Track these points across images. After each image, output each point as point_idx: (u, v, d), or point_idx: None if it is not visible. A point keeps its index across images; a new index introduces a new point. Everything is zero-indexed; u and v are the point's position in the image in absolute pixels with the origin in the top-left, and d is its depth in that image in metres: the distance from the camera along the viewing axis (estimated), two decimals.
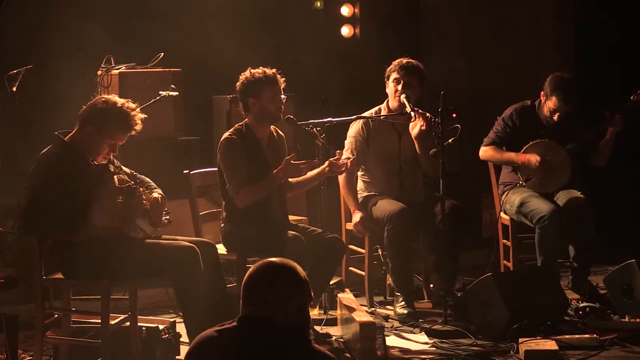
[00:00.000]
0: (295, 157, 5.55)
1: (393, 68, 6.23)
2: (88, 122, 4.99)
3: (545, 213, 6.14)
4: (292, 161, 5.51)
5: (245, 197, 5.56)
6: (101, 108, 5.01)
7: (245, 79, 5.67)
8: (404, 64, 6.21)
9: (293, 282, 3.23)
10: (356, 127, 6.33)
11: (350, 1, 7.98)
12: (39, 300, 5.01)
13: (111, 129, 4.99)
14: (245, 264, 5.56)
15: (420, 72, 6.21)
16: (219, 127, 7.06)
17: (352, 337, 5.36)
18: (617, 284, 5.92)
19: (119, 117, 5.00)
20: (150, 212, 5.13)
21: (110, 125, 4.99)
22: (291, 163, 5.51)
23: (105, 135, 4.99)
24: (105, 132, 4.98)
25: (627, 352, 5.34)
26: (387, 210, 6.04)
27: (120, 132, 5.03)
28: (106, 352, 4.91)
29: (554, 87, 6.29)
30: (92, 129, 4.98)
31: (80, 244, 4.86)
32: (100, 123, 4.97)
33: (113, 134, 5.01)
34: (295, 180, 5.78)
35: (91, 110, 5.03)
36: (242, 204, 5.57)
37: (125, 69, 6.73)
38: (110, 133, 5.00)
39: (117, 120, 5.00)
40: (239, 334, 3.19)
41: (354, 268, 6.52)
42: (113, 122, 4.99)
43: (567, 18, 8.61)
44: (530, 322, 5.48)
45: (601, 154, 6.45)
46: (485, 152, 6.51)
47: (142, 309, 5.56)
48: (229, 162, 5.60)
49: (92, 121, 4.98)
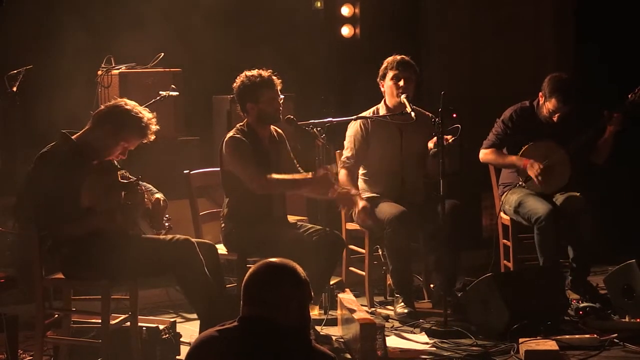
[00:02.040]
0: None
1: (389, 66, 6.23)
2: (107, 122, 5.01)
3: (541, 214, 6.14)
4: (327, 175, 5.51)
5: (271, 183, 5.49)
6: (123, 110, 5.03)
7: (242, 84, 5.66)
8: (400, 60, 6.21)
9: (293, 282, 3.24)
10: (354, 127, 6.33)
11: (350, 1, 7.98)
12: (39, 300, 5.01)
13: (129, 132, 5.02)
14: (246, 264, 5.57)
15: (415, 67, 6.25)
16: (219, 127, 7.06)
17: (353, 337, 5.36)
18: (617, 284, 5.92)
19: (138, 122, 5.03)
20: (151, 212, 5.13)
21: (129, 129, 5.01)
22: (327, 177, 5.51)
23: (121, 138, 5.01)
24: (122, 135, 5.01)
25: (627, 352, 5.34)
26: (387, 214, 6.03)
27: (136, 137, 5.06)
28: (106, 352, 4.91)
29: (552, 88, 6.29)
30: (110, 129, 4.99)
31: (80, 243, 4.86)
32: (120, 125, 5.00)
33: (129, 138, 5.03)
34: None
35: (112, 112, 5.05)
36: (263, 189, 5.52)
37: (125, 69, 6.73)
38: (127, 136, 5.02)
39: (136, 126, 5.03)
40: (240, 334, 3.20)
41: (354, 268, 6.53)
42: (133, 126, 5.02)
43: (567, 18, 8.61)
44: (531, 322, 5.48)
45: (600, 152, 6.46)
46: (485, 155, 6.51)
47: (142, 309, 5.56)
48: (239, 154, 5.57)
49: (112, 122, 5.00)
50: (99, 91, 6.59)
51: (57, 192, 4.80)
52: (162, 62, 6.71)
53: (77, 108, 6.29)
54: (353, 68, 7.82)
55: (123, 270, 4.91)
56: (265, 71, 5.67)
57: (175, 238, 5.00)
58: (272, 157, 5.72)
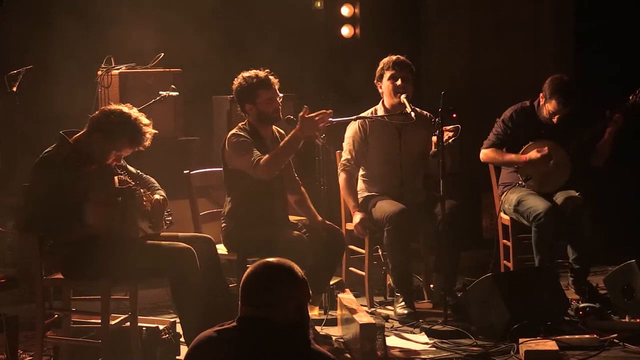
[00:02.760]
0: (308, 112, 5.48)
1: (386, 66, 6.23)
2: (98, 130, 4.97)
3: (541, 211, 6.15)
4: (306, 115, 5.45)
5: (269, 163, 5.44)
6: (114, 121, 4.97)
7: (239, 85, 5.66)
8: (396, 60, 6.22)
9: (290, 282, 3.23)
10: (353, 128, 6.33)
11: (350, 1, 7.98)
12: (39, 300, 5.01)
13: (121, 143, 4.98)
14: (245, 264, 5.56)
15: (411, 66, 6.26)
16: (219, 127, 7.06)
17: (352, 338, 5.36)
18: (617, 284, 5.92)
19: (130, 132, 4.98)
20: (151, 213, 5.13)
21: (120, 139, 4.97)
22: (307, 117, 5.44)
23: (113, 147, 4.98)
24: (114, 144, 4.97)
25: (627, 352, 5.34)
26: (386, 211, 6.04)
27: (129, 146, 5.02)
28: (106, 352, 4.92)
29: (553, 90, 6.29)
30: (101, 137, 4.95)
31: (80, 244, 4.87)
32: (111, 134, 4.95)
33: (121, 147, 5.00)
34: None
35: (103, 120, 5.00)
36: (267, 172, 5.45)
37: (125, 69, 6.73)
38: (119, 145, 4.99)
39: (128, 135, 4.98)
40: (239, 334, 3.20)
41: (354, 268, 6.52)
42: (124, 136, 4.98)
43: (567, 18, 8.61)
44: (530, 322, 5.48)
45: (599, 154, 6.46)
46: (485, 155, 6.52)
47: (142, 309, 5.56)
48: (240, 145, 5.54)
49: (103, 130, 4.96)
50: (99, 91, 6.59)
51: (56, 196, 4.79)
52: (162, 62, 6.71)
53: (77, 108, 6.28)
54: (353, 68, 7.81)
55: (122, 271, 4.91)
56: (262, 71, 5.66)
57: (177, 246, 4.99)
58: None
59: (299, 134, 5.46)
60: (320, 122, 5.46)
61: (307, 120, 5.43)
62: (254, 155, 5.47)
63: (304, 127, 5.43)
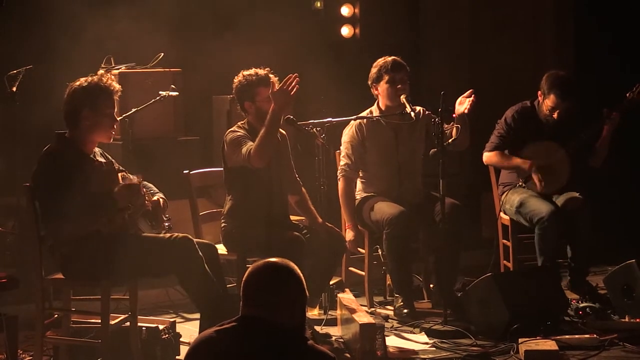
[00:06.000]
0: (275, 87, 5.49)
1: (383, 69, 6.20)
2: (82, 109, 4.97)
3: (544, 214, 6.15)
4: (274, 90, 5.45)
5: (258, 148, 5.40)
6: (79, 90, 5.00)
7: (239, 83, 5.67)
8: (392, 62, 6.20)
9: (291, 282, 3.23)
10: (350, 131, 6.31)
11: (350, 1, 7.99)
12: (39, 300, 5.00)
13: (100, 101, 4.99)
14: (245, 264, 5.57)
15: (406, 67, 6.25)
16: (219, 127, 7.06)
17: (352, 337, 5.36)
18: (617, 284, 5.92)
19: (96, 88, 5.00)
20: (151, 214, 5.13)
21: (97, 99, 4.98)
22: (275, 91, 5.43)
23: (100, 111, 4.99)
24: (98, 108, 4.98)
25: (627, 352, 5.34)
26: (386, 214, 6.03)
27: (108, 99, 5.03)
28: (106, 352, 4.91)
29: (550, 84, 6.31)
30: (88, 112, 4.97)
31: (80, 243, 4.86)
32: (90, 101, 4.97)
33: (105, 105, 5.01)
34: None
35: (74, 99, 5.01)
36: (259, 158, 5.41)
37: (125, 69, 6.73)
38: (101, 106, 4.99)
39: (98, 92, 5.00)
40: (239, 334, 3.20)
41: (354, 268, 6.52)
42: (97, 94, 4.99)
43: (567, 18, 8.61)
44: (530, 322, 5.48)
45: (598, 154, 6.46)
46: (489, 158, 6.50)
47: (142, 309, 5.55)
48: (235, 141, 5.54)
49: (85, 104, 4.97)
50: None
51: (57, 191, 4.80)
52: (162, 62, 6.71)
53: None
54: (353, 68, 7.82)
55: (123, 270, 4.91)
56: (262, 69, 5.67)
57: (174, 236, 4.99)
58: (273, 156, 5.70)
59: (275, 109, 5.43)
60: (289, 87, 5.43)
61: (277, 93, 5.43)
62: (247, 146, 5.47)
63: (276, 100, 5.42)
